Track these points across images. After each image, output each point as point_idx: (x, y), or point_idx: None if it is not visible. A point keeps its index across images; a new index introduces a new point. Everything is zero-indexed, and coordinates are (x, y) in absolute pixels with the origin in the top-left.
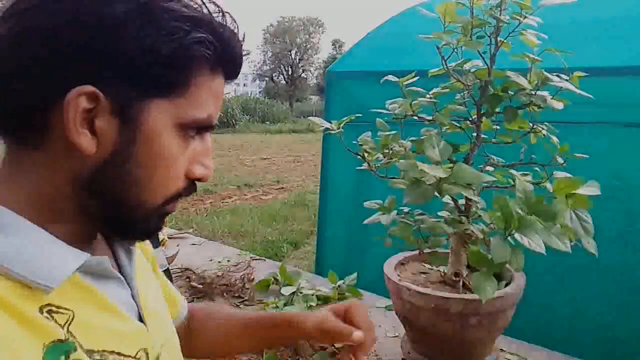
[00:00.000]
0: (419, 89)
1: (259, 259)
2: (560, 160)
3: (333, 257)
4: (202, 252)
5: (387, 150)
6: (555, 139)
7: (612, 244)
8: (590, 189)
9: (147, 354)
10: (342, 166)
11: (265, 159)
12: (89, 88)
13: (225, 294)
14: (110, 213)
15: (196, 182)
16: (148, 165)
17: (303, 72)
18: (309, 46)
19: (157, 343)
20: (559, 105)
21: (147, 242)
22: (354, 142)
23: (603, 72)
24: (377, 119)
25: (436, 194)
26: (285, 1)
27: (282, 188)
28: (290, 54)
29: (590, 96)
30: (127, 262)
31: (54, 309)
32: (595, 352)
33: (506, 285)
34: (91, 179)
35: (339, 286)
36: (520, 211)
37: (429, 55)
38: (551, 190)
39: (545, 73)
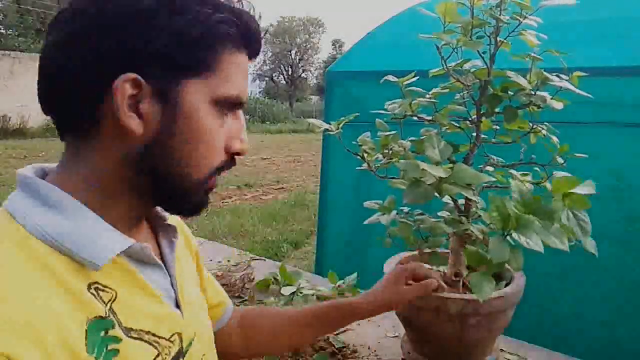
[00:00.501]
0: (418, 89)
1: (259, 259)
2: (560, 160)
3: (333, 257)
4: (202, 252)
5: (386, 151)
6: (555, 139)
7: (612, 244)
8: (585, 188)
9: (180, 338)
10: (342, 166)
11: (265, 159)
12: (132, 75)
13: None
14: (160, 189)
15: (235, 157)
16: (189, 140)
17: (303, 72)
18: (309, 46)
19: (191, 330)
20: (558, 105)
21: (192, 236)
22: (354, 142)
23: (603, 72)
24: (377, 119)
25: (436, 194)
26: (285, 1)
27: (282, 188)
28: (290, 54)
29: (590, 96)
30: (168, 251)
31: (100, 287)
32: (595, 352)
33: (506, 285)
34: (141, 158)
35: (339, 286)
36: (516, 211)
37: (428, 55)
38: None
39: (545, 73)
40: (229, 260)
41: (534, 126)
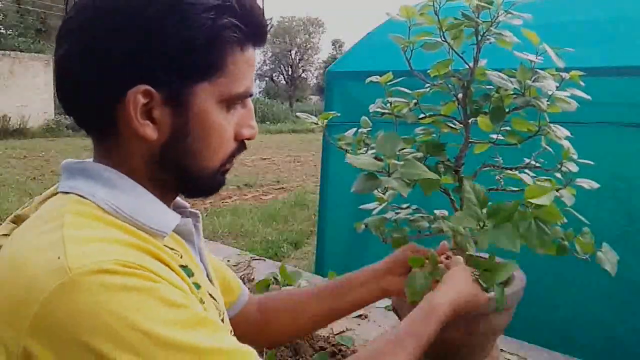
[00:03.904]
0: (403, 89)
1: (259, 259)
2: (572, 167)
3: (333, 257)
4: None
5: (365, 147)
6: (566, 143)
7: (612, 244)
8: (548, 197)
9: (219, 310)
10: (342, 166)
11: (265, 159)
12: (143, 87)
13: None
14: (181, 181)
15: (245, 141)
16: (202, 138)
17: (303, 72)
18: (309, 46)
19: (221, 302)
20: (544, 106)
21: None
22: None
23: (603, 72)
24: (363, 117)
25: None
26: (285, 1)
27: (282, 188)
28: (290, 54)
29: (588, 97)
30: (194, 231)
31: (168, 250)
32: (595, 352)
33: (506, 285)
34: (161, 156)
35: None
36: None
37: (428, 55)
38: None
39: (539, 71)
40: (229, 260)
41: (541, 128)
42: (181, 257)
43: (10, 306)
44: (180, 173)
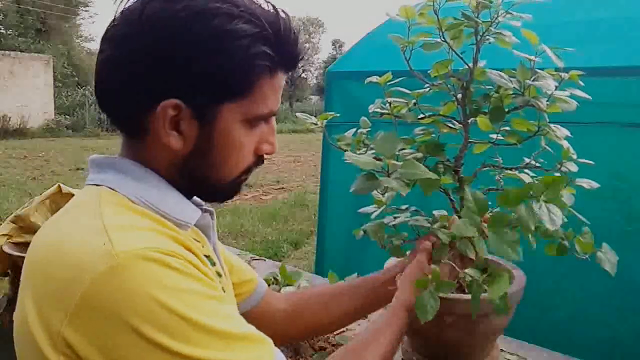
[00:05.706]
0: (403, 89)
1: (259, 259)
2: (572, 167)
3: (333, 257)
4: None
5: (364, 147)
6: (565, 143)
7: (612, 244)
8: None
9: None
10: (342, 166)
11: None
12: (174, 101)
13: None
14: (199, 187)
15: (264, 156)
16: (223, 153)
17: (303, 72)
18: (309, 46)
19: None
20: (554, 106)
21: None
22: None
23: (603, 72)
24: (362, 117)
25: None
26: (285, 1)
27: (282, 188)
28: None
29: (588, 97)
30: (210, 225)
31: (194, 240)
32: (595, 352)
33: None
34: (183, 164)
35: None
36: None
37: (428, 55)
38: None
39: (539, 70)
40: None
41: (540, 128)
42: (203, 247)
43: (57, 286)
44: (198, 181)
